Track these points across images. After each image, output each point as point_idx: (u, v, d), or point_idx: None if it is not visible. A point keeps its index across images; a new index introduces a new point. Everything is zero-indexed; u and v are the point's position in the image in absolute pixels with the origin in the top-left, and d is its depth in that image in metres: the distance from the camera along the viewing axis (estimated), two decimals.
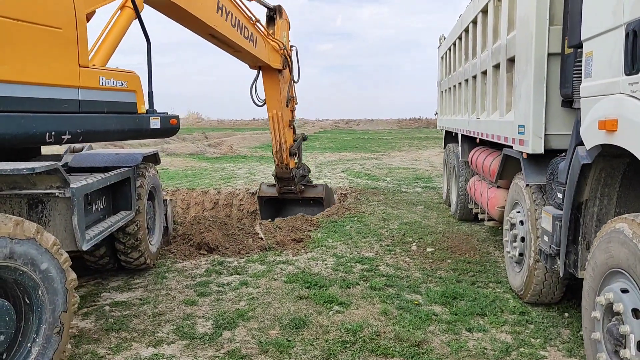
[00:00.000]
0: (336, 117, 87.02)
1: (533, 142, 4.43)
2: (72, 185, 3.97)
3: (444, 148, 10.89)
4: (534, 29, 4.32)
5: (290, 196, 10.48)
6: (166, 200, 7.17)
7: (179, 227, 7.63)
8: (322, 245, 7.24)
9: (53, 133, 3.98)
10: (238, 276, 5.91)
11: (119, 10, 5.36)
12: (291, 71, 10.00)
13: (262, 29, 8.78)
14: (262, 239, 7.45)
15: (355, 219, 9.05)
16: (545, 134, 4.39)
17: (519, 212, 5.17)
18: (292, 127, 10.24)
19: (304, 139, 10.77)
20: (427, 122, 70.28)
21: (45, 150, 5.57)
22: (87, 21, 5.21)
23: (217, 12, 7.15)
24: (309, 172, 11.05)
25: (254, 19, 8.31)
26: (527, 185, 4.78)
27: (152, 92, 5.36)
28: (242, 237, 7.50)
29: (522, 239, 5.02)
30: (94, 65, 4.70)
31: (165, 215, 7.03)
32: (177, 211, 10.73)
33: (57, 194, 3.90)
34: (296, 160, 10.34)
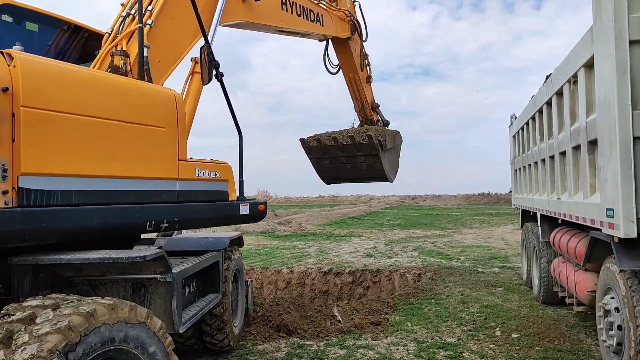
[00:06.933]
0: (402, 193, 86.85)
1: (625, 226, 4.30)
2: (173, 270, 4.24)
3: (521, 227, 10.60)
4: (616, 113, 4.32)
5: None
6: (247, 281, 7.38)
7: (259, 309, 7.77)
8: (401, 329, 7.11)
9: (153, 222, 4.30)
10: None
11: (189, 78, 5.48)
12: (360, 34, 10.00)
13: (325, 4, 8.82)
14: (339, 321, 7.43)
15: (432, 300, 8.87)
16: (637, 217, 4.27)
17: (613, 298, 4.93)
18: (369, 82, 10.33)
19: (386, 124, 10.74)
20: (497, 197, 68.67)
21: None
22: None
23: (282, 8, 7.26)
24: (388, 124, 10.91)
25: None
26: (620, 270, 4.60)
27: (242, 181, 5.70)
28: (320, 319, 7.52)
29: (620, 327, 4.76)
30: (191, 158, 5.10)
31: (247, 296, 7.22)
32: (253, 291, 10.91)
33: (159, 278, 4.17)
34: (379, 118, 10.41)
